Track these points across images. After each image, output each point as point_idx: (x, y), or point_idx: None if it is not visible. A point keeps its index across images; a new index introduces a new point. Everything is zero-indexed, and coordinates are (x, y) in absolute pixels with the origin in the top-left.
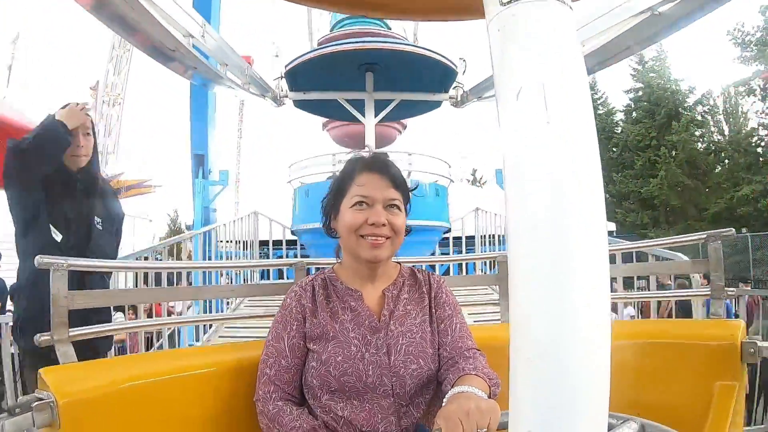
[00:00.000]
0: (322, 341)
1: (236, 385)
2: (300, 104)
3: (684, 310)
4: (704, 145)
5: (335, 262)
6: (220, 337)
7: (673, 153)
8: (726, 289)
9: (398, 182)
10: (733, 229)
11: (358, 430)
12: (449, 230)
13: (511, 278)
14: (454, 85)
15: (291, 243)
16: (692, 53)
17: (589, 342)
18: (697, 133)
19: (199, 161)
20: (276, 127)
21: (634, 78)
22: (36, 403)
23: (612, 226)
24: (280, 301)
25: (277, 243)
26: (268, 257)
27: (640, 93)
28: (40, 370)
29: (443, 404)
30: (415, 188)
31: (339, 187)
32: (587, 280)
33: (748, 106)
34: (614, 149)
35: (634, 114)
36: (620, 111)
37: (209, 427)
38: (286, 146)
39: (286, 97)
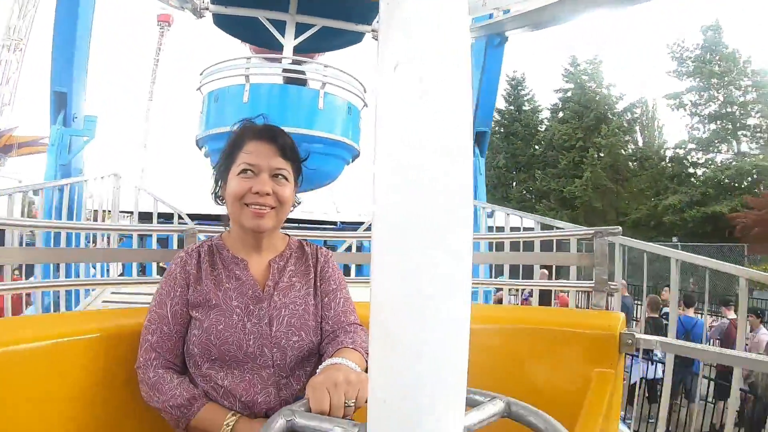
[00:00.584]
0: (204, 309)
1: (118, 352)
2: (221, 22)
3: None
4: (629, 152)
5: (225, 230)
6: (104, 302)
7: (599, 156)
8: (609, 283)
9: (287, 152)
10: (620, 227)
11: (238, 400)
12: (358, 155)
13: (372, 253)
14: (377, 17)
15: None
16: (629, 61)
17: (449, 320)
18: (624, 139)
19: (61, 102)
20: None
21: (565, 79)
22: None
23: (531, 223)
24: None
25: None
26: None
27: (569, 93)
28: None
29: (317, 374)
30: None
31: (228, 153)
32: (448, 260)
33: (677, 119)
34: (537, 147)
35: (561, 113)
36: (547, 109)
37: (90, 395)
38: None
39: (207, 9)
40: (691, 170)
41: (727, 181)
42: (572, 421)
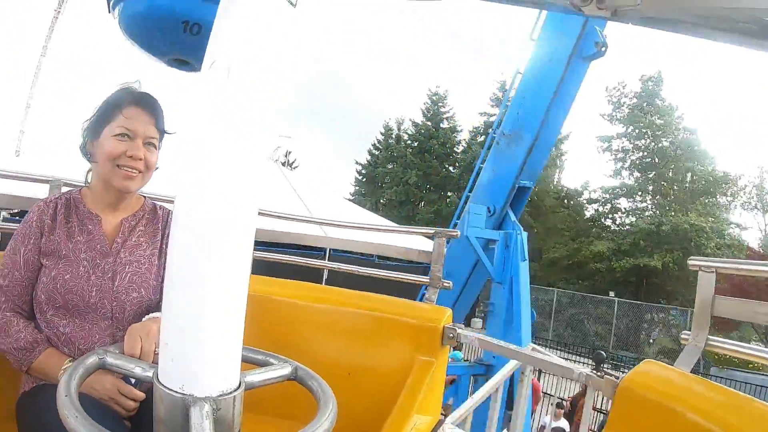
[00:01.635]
0: (54, 258)
1: None
2: None
3: None
4: (550, 187)
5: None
6: None
7: None
8: (442, 280)
9: (160, 122)
10: (458, 231)
11: (76, 347)
12: None
13: (173, 218)
14: None
15: None
16: None
17: (227, 286)
18: (547, 173)
19: None
20: None
21: (491, 103)
22: None
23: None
24: None
25: None
26: None
27: (493, 118)
28: None
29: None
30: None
31: (105, 112)
32: (232, 232)
33: (603, 162)
34: (452, 168)
35: (481, 138)
36: (468, 131)
37: None
38: None
39: None
40: (615, 217)
41: (661, 234)
42: (392, 401)
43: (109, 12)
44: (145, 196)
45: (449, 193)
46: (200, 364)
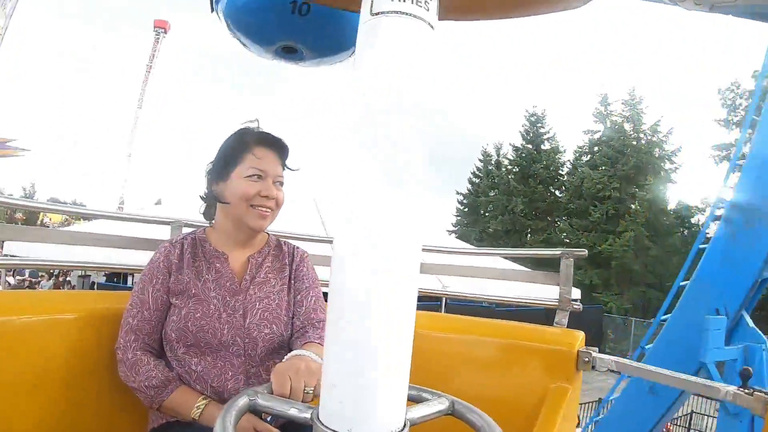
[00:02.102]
0: (183, 297)
1: (100, 332)
2: None
3: None
4: (667, 205)
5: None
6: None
7: (640, 211)
8: (572, 301)
9: (285, 162)
10: (586, 250)
11: (209, 385)
12: None
13: (333, 260)
14: None
15: None
16: (669, 104)
17: (395, 323)
18: (666, 192)
19: None
20: None
21: (595, 119)
22: None
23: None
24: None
25: None
26: None
27: (598, 135)
28: None
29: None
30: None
31: (232, 154)
32: (397, 269)
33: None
34: (558, 192)
35: (587, 157)
36: (573, 151)
37: (70, 371)
38: None
39: None
40: None
41: None
42: (528, 430)
43: (212, 11)
44: (268, 233)
45: (559, 221)
46: (370, 405)
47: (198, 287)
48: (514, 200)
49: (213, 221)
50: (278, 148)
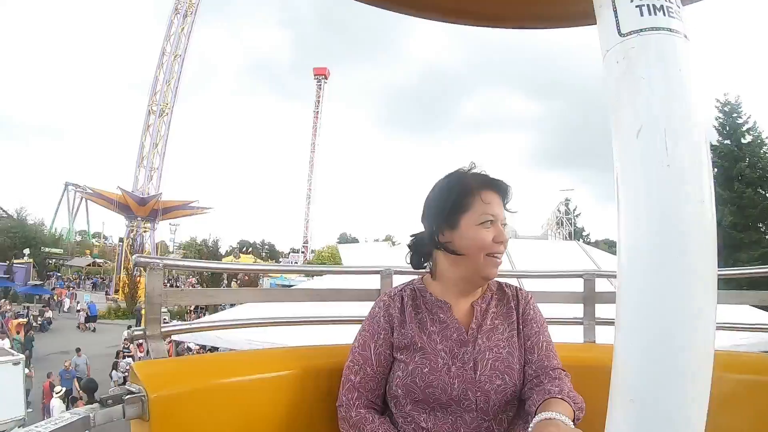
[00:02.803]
0: (409, 351)
1: (317, 388)
2: None
3: None
4: None
5: (424, 271)
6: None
7: None
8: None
9: (508, 203)
10: None
11: None
12: None
13: (617, 314)
14: None
15: None
16: None
17: (690, 388)
18: None
19: None
20: None
21: None
22: (128, 396)
23: None
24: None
25: None
26: None
27: None
28: (133, 364)
29: (530, 430)
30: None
31: (459, 201)
32: (691, 322)
33: None
34: None
35: None
36: None
37: (290, 427)
38: None
39: None
40: None
41: None
42: None
43: None
44: None
45: None
46: None
47: (423, 340)
48: (720, 210)
49: (428, 268)
50: (502, 190)
